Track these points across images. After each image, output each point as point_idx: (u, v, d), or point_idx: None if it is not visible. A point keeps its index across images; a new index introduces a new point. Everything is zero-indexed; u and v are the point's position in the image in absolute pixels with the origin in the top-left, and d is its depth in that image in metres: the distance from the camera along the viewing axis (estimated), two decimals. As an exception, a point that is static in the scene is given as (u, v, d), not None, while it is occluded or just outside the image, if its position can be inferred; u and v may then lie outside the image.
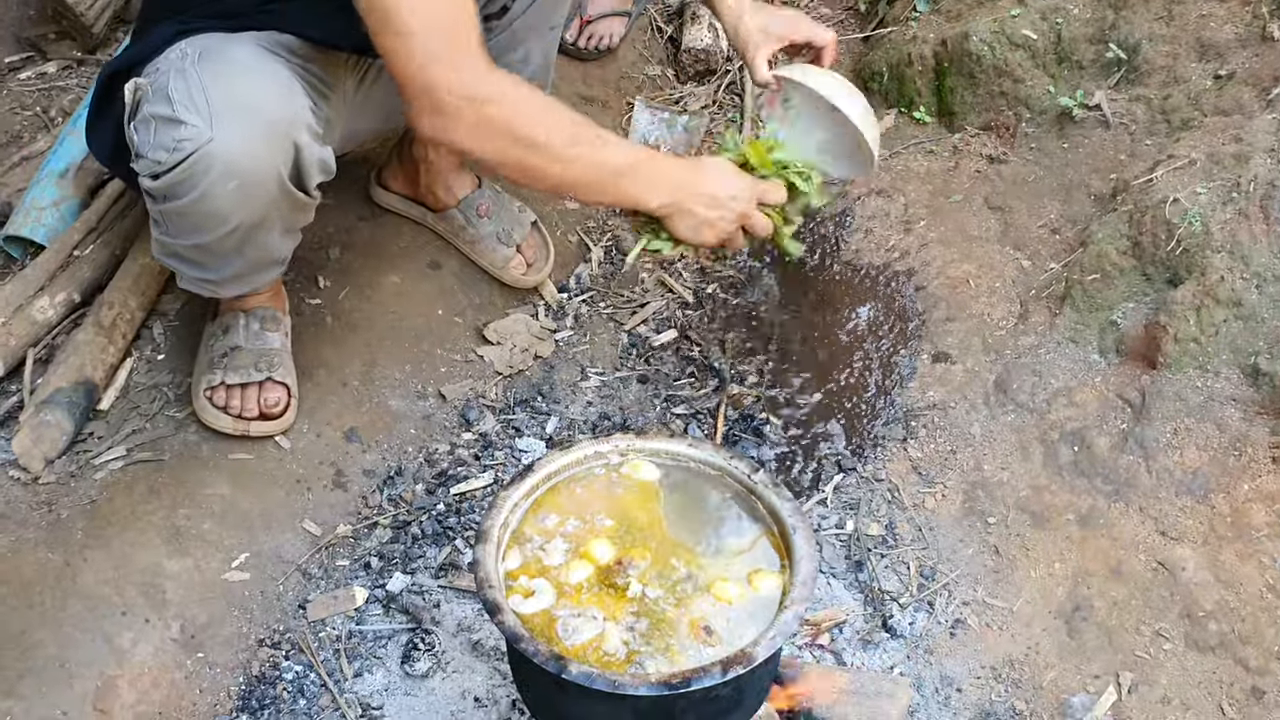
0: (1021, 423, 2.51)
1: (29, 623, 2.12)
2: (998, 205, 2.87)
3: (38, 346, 2.59)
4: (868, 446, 2.57)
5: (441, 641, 2.26)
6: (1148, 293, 2.52)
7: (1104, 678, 2.19)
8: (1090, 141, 2.85)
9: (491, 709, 2.18)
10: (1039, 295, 2.67)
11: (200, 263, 2.28)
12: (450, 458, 2.58)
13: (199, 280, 2.34)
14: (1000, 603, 2.31)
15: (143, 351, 2.61)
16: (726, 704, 1.78)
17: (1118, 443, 2.40)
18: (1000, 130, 2.99)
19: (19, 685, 2.03)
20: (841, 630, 2.30)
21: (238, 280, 2.35)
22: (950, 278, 2.76)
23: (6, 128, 3.19)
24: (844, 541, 2.43)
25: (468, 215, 2.83)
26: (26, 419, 2.40)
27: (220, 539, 2.32)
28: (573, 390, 2.77)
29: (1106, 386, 2.49)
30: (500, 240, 2.85)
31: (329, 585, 2.34)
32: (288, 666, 2.22)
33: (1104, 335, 2.54)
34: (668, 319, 2.92)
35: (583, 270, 3.01)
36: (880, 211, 2.95)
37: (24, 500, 2.34)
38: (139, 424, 2.48)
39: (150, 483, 2.35)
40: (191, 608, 2.22)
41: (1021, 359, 2.58)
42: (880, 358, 2.69)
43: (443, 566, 2.38)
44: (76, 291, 2.66)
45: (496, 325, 2.83)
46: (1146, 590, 2.26)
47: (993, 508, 2.42)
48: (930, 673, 2.23)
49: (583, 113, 3.24)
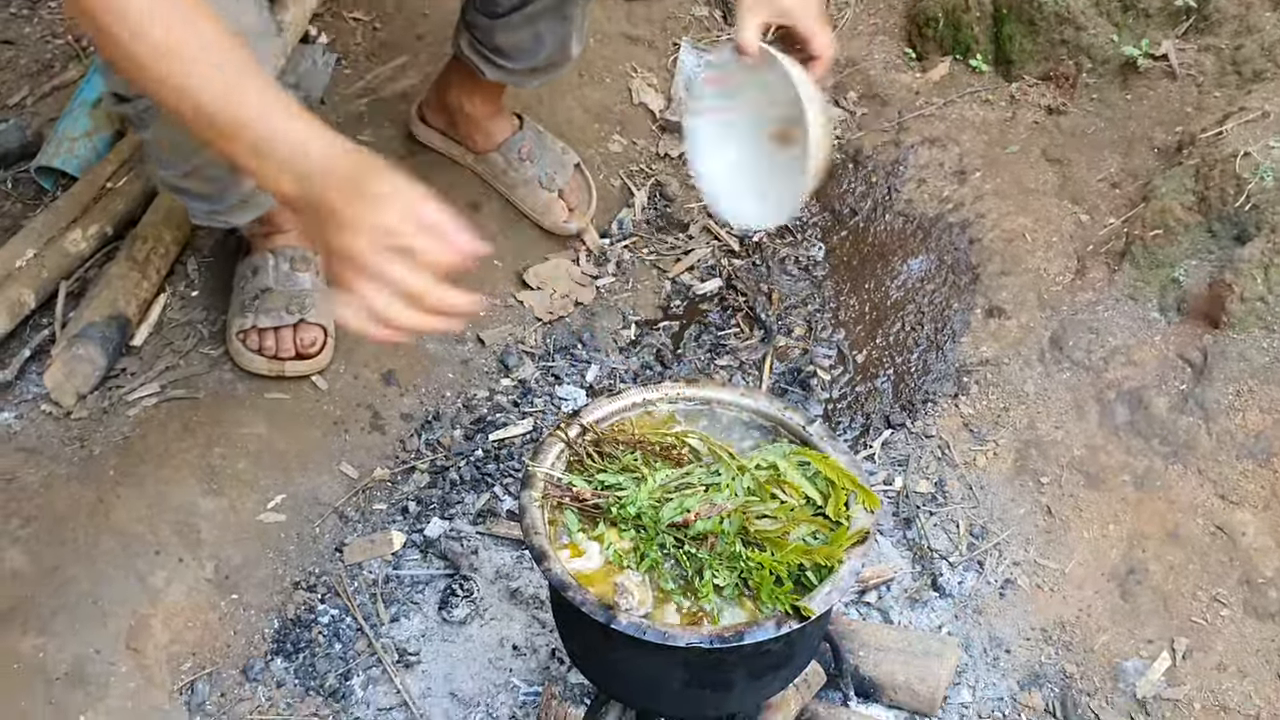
0: (1077, 381, 2.43)
1: (62, 558, 2.09)
2: (1056, 157, 2.78)
3: (70, 279, 2.54)
4: (918, 402, 2.50)
5: (480, 588, 2.21)
6: (1212, 250, 2.44)
7: (1158, 643, 2.13)
8: (1155, 93, 2.75)
9: (530, 657, 2.14)
10: (1097, 251, 2.59)
11: (202, 193, 2.20)
12: (489, 404, 2.53)
13: (207, 212, 2.27)
14: (1052, 564, 2.25)
15: (176, 287, 2.56)
16: (778, 659, 1.72)
17: (1177, 403, 2.33)
18: (1060, 80, 2.89)
19: (52, 622, 2.00)
20: (889, 588, 2.24)
21: (244, 207, 2.26)
22: (1005, 231, 2.68)
23: (38, 56, 3.13)
24: (892, 498, 2.37)
25: (509, 158, 2.75)
26: (59, 352, 2.35)
27: (256, 479, 2.27)
28: (614, 338, 2.71)
29: (1166, 345, 2.41)
30: (542, 185, 2.76)
31: (366, 529, 2.30)
32: (323, 610, 2.18)
33: (1165, 293, 2.46)
34: (713, 267, 2.84)
35: (625, 215, 2.93)
36: (934, 161, 2.86)
37: (56, 435, 2.30)
38: (172, 360, 2.43)
39: (184, 420, 2.31)
40: (226, 548, 2.18)
41: (1078, 315, 2.51)
42: (932, 311, 2.62)
43: (481, 513, 2.34)
44: (109, 224, 2.60)
45: (537, 270, 2.76)
46: (1204, 555, 2.19)
47: (1046, 467, 2.35)
48: (979, 633, 2.18)
49: (627, 53, 3.20)
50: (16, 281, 2.45)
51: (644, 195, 2.97)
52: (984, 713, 2.08)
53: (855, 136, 3.00)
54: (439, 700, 2.08)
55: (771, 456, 1.78)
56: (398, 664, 2.12)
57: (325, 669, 2.11)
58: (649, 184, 2.99)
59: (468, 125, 2.74)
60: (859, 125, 3.03)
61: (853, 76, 3.14)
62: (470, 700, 2.09)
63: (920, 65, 3.13)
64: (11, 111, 3.01)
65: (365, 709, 2.07)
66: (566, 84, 3.06)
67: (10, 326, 2.43)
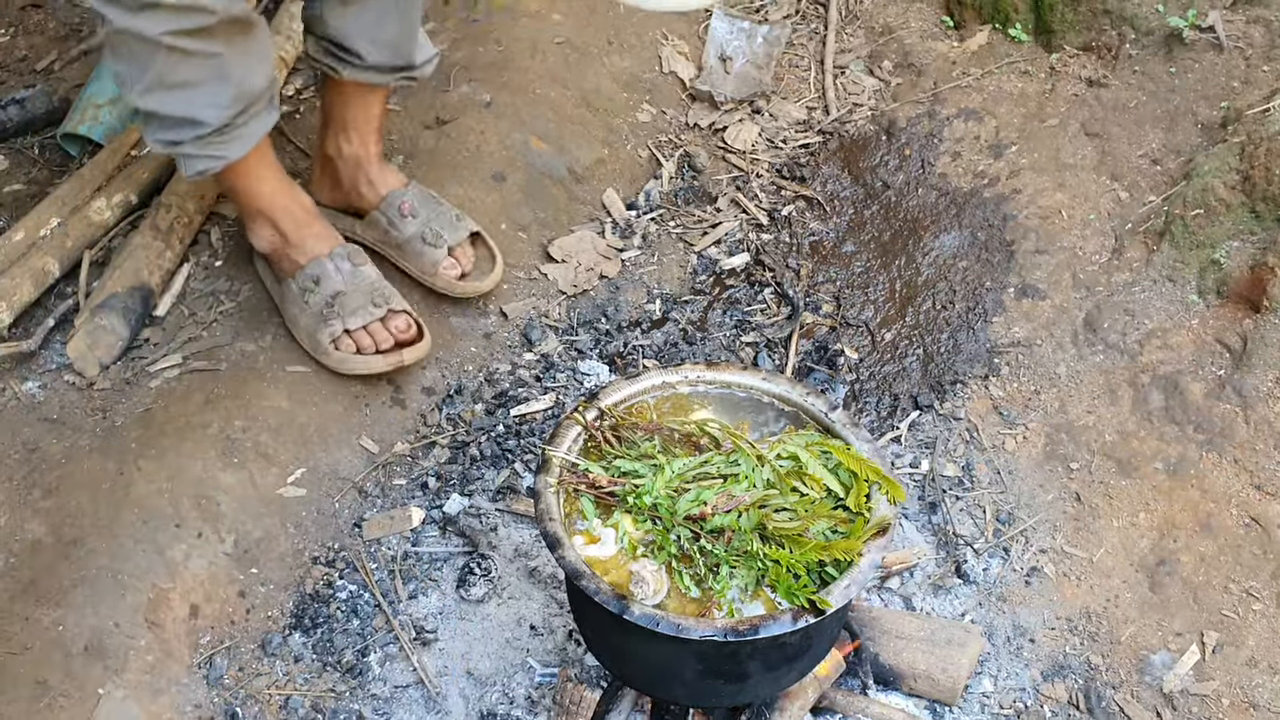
0: (1111, 364, 2.38)
1: (82, 530, 2.09)
2: (1095, 132, 2.70)
3: (94, 248, 2.53)
4: (946, 383, 2.45)
5: (498, 566, 2.20)
6: (1255, 231, 2.37)
7: (1187, 636, 2.09)
8: (1200, 66, 2.66)
9: (548, 638, 2.13)
10: (1136, 229, 2.52)
11: (186, 118, 2.08)
12: (511, 378, 2.51)
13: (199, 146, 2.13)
14: (1080, 552, 2.20)
15: (199, 257, 2.55)
16: (794, 650, 1.70)
17: (1213, 390, 2.27)
18: (1101, 51, 2.81)
19: (71, 594, 2.01)
20: (912, 574, 2.21)
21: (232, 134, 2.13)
22: (1041, 207, 2.61)
23: (65, 20, 3.12)
24: (918, 482, 2.33)
25: (389, 215, 2.50)
26: (82, 323, 2.35)
27: (276, 453, 2.27)
28: (639, 312, 2.67)
29: (1204, 329, 2.35)
30: (426, 241, 2.49)
31: (385, 504, 2.29)
32: (341, 585, 2.18)
33: (1204, 275, 2.39)
34: (740, 241, 2.80)
35: (652, 187, 2.89)
36: (969, 134, 2.79)
37: (78, 406, 2.30)
38: (195, 332, 2.42)
39: (206, 392, 2.30)
40: (245, 522, 2.18)
41: (1114, 297, 2.45)
42: (964, 290, 2.56)
43: (501, 489, 2.32)
44: (134, 193, 2.59)
45: (561, 242, 2.73)
46: (1237, 547, 2.14)
47: (1076, 452, 2.30)
48: (1003, 621, 2.14)
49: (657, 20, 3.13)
50: (41, 250, 2.46)
51: (672, 166, 2.92)
52: (1005, 703, 2.05)
53: (890, 107, 2.93)
54: (455, 679, 2.08)
55: (792, 447, 1.74)
56: (415, 641, 2.11)
57: (343, 645, 2.11)
58: (678, 155, 2.94)
59: (352, 177, 2.52)
60: (893, 95, 2.96)
61: (888, 45, 3.07)
62: (487, 680, 2.08)
63: (958, 34, 3.05)
64: (39, 77, 3.00)
65: (382, 685, 2.07)
66: (595, 52, 3.02)
67: (35, 295, 2.44)
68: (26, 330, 2.41)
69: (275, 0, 3.06)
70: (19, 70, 3.02)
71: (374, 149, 2.51)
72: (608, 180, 2.83)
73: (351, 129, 2.47)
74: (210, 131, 2.12)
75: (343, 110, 2.46)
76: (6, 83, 2.99)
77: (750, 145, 2.94)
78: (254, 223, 2.36)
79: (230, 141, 2.16)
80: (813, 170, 2.88)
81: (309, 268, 2.35)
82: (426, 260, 2.49)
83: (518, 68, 2.92)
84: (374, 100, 2.46)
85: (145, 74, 2.04)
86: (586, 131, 2.88)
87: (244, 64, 2.09)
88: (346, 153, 2.50)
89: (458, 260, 2.51)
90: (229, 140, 2.15)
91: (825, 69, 3.07)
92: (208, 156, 2.17)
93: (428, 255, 2.49)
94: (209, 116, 2.10)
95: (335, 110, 2.48)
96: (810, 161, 2.91)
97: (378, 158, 2.52)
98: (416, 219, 2.49)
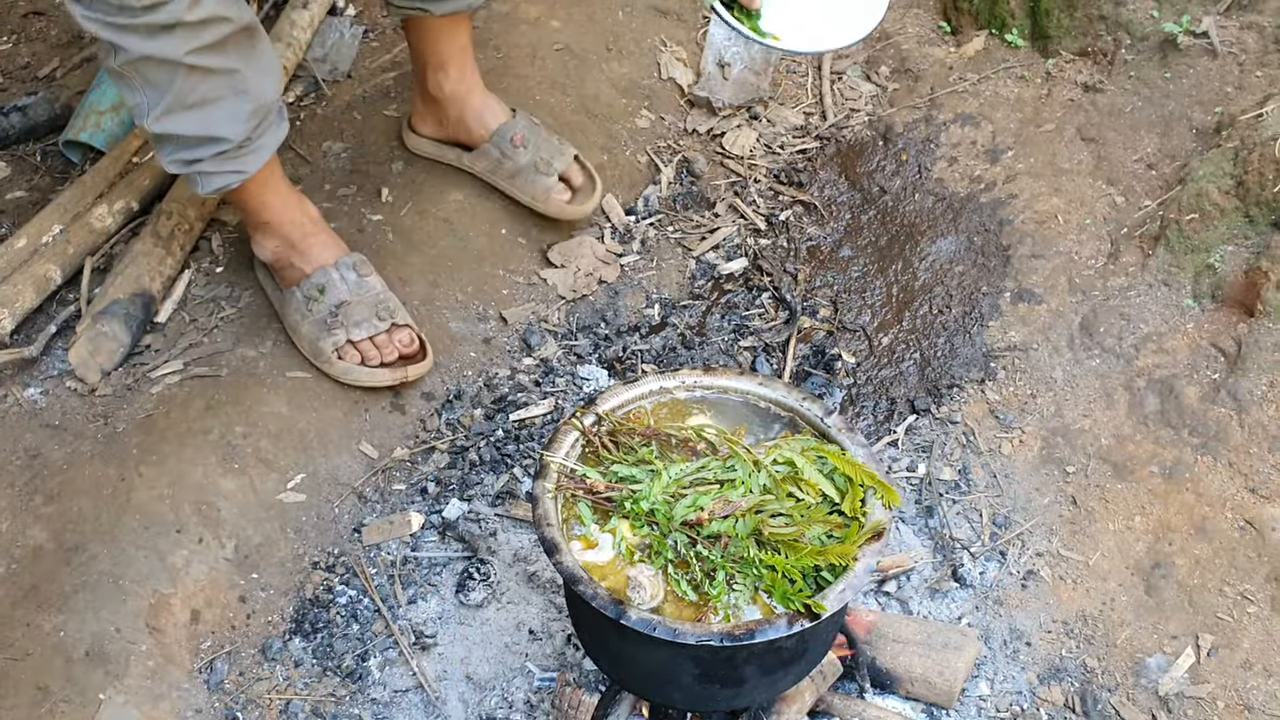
0: (1107, 368, 2.39)
1: (84, 537, 2.10)
2: (1091, 137, 2.71)
3: (96, 255, 2.55)
4: (943, 387, 2.46)
5: (497, 571, 2.21)
6: (1249, 235, 2.38)
7: (1182, 639, 2.10)
8: (1195, 71, 2.68)
9: (546, 642, 2.14)
10: (1131, 234, 2.54)
11: (206, 136, 2.11)
12: (510, 383, 2.52)
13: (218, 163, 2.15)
14: (1076, 555, 2.21)
15: (200, 264, 2.57)
16: (790, 655, 1.71)
17: (1208, 393, 2.28)
18: (1097, 56, 2.82)
19: (73, 599, 2.02)
20: (909, 578, 2.22)
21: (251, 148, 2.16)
22: (1038, 212, 2.62)
23: (68, 27, 3.14)
24: (915, 485, 2.34)
25: (502, 148, 2.65)
26: (83, 329, 2.37)
27: (276, 459, 2.28)
28: (638, 317, 2.69)
29: (1199, 333, 2.36)
30: (539, 170, 2.65)
31: (385, 509, 2.30)
32: (341, 590, 2.19)
33: (1199, 279, 2.41)
34: (738, 246, 2.81)
35: (651, 192, 2.90)
36: (966, 139, 2.80)
37: (80, 412, 2.31)
38: (196, 338, 2.43)
39: (207, 399, 2.32)
40: (246, 528, 2.19)
41: (1110, 301, 2.46)
42: (960, 294, 2.57)
43: (500, 494, 2.33)
44: (135, 200, 2.61)
45: (561, 247, 2.74)
46: (1232, 550, 2.15)
47: (1072, 456, 2.31)
48: (999, 625, 2.16)
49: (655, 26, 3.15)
50: (43, 257, 2.47)
51: (670, 172, 2.93)
52: (1002, 706, 2.06)
53: (887, 113, 2.95)
54: (455, 683, 2.09)
55: (788, 452, 1.76)
56: (414, 646, 2.13)
57: (343, 649, 2.12)
58: (676, 160, 2.96)
59: (457, 114, 2.64)
60: (890, 101, 2.98)
61: (885, 50, 3.09)
62: (486, 684, 2.09)
63: (955, 39, 3.07)
64: (41, 84, 3.02)
65: (382, 690, 2.08)
66: (594, 58, 3.03)
67: (37, 302, 2.45)
68: (28, 337, 2.42)
69: (276, 8, 3.07)
70: (21, 77, 3.04)
71: (474, 82, 2.62)
72: (607, 186, 2.85)
73: (450, 65, 2.58)
74: (231, 147, 2.14)
75: (435, 48, 2.55)
76: (9, 90, 3.00)
77: (748, 151, 2.96)
78: (260, 233, 2.37)
79: (248, 155, 2.18)
80: (810, 175, 2.90)
81: (314, 276, 2.36)
82: (539, 188, 2.66)
83: (517, 74, 2.94)
84: (461, 31, 2.55)
85: (164, 97, 2.05)
86: (585, 137, 2.89)
87: (258, 76, 2.11)
88: (449, 90, 2.61)
89: (567, 182, 2.67)
90: (247, 154, 2.18)
91: (822, 75, 3.08)
92: (228, 173, 2.19)
93: (540, 183, 2.65)
94: (229, 132, 2.12)
95: (427, 50, 2.56)
96: (808, 167, 2.92)
97: (480, 90, 2.64)
98: (528, 149, 2.64)
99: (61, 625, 1.99)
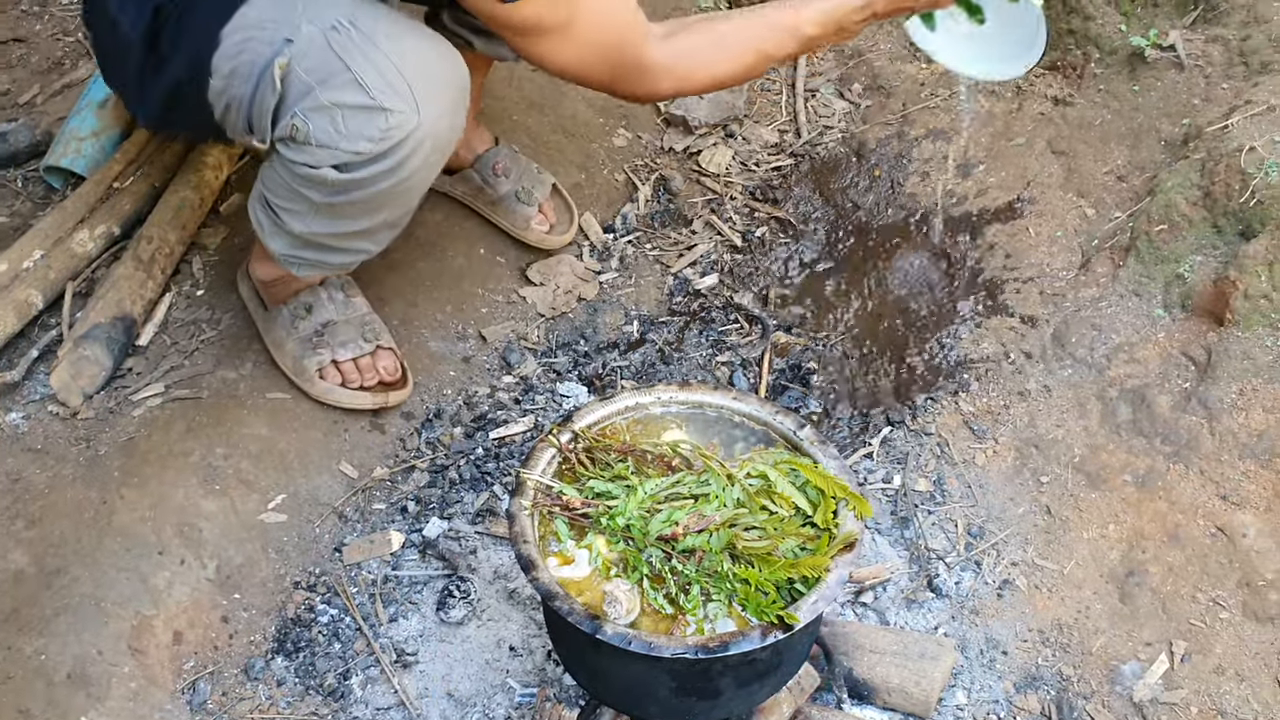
0: (1079, 378, 2.42)
1: (65, 560, 2.11)
2: (1062, 150, 2.75)
3: (77, 280, 2.56)
4: (917, 399, 2.49)
5: (477, 589, 2.23)
6: (1218, 246, 2.41)
7: (1156, 645, 2.12)
8: (1162, 84, 2.72)
9: (527, 658, 2.16)
10: (1102, 245, 2.57)
11: (337, 247, 2.17)
12: (490, 401, 2.54)
13: (316, 263, 2.23)
14: (1051, 564, 2.24)
15: (181, 287, 2.58)
16: (765, 667, 1.74)
17: (1179, 402, 2.31)
18: (1067, 70, 2.86)
19: (54, 622, 2.03)
20: (885, 589, 2.24)
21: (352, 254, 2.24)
22: (1009, 225, 2.66)
23: (48, 54, 3.15)
24: (890, 497, 2.37)
25: (484, 175, 2.70)
26: (65, 353, 2.38)
27: (257, 479, 2.29)
28: (617, 334, 2.71)
29: (1170, 343, 2.39)
30: (520, 199, 2.70)
31: (365, 529, 2.32)
32: (323, 610, 2.20)
33: (1169, 289, 2.44)
34: (715, 262, 2.84)
35: (629, 210, 2.93)
36: (937, 154, 2.84)
37: (62, 435, 2.32)
38: (177, 361, 2.45)
39: (188, 421, 2.33)
40: (227, 548, 2.21)
41: (1081, 312, 2.49)
42: (933, 307, 2.60)
43: (480, 512, 2.35)
44: (116, 224, 2.62)
45: (539, 266, 2.77)
46: (1204, 556, 2.18)
47: (1046, 466, 2.34)
48: (975, 634, 2.18)
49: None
50: (24, 282, 2.48)
51: (648, 190, 2.96)
52: (979, 715, 2.08)
53: (860, 129, 2.98)
54: (436, 701, 2.10)
55: (761, 466, 1.78)
56: (396, 664, 2.14)
57: (325, 668, 2.13)
58: (653, 178, 2.99)
59: None
60: (863, 118, 3.01)
61: (858, 68, 3.12)
62: (467, 701, 2.11)
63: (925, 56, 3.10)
64: (22, 110, 3.03)
65: (364, 708, 2.09)
66: (570, 78, 3.05)
67: (18, 327, 2.46)
68: (10, 361, 2.43)
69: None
70: (1, 104, 3.06)
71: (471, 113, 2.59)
72: (585, 204, 2.87)
73: None
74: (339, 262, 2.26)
75: None
76: (-11, 117, 3.02)
77: (724, 168, 2.99)
78: (261, 258, 2.39)
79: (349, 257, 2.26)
80: (785, 192, 2.93)
81: (303, 295, 2.39)
82: (519, 216, 2.72)
83: (495, 95, 2.96)
84: (482, 71, 2.59)
85: (352, 223, 2.09)
86: (563, 157, 2.92)
87: None
88: None
89: (545, 214, 2.73)
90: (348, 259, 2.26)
91: (796, 92, 3.12)
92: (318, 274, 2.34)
93: (520, 212, 2.71)
94: (351, 256, 2.23)
95: None
96: (782, 183, 2.95)
97: (474, 123, 2.68)
98: (509, 178, 2.68)
99: (43, 648, 2.00)
